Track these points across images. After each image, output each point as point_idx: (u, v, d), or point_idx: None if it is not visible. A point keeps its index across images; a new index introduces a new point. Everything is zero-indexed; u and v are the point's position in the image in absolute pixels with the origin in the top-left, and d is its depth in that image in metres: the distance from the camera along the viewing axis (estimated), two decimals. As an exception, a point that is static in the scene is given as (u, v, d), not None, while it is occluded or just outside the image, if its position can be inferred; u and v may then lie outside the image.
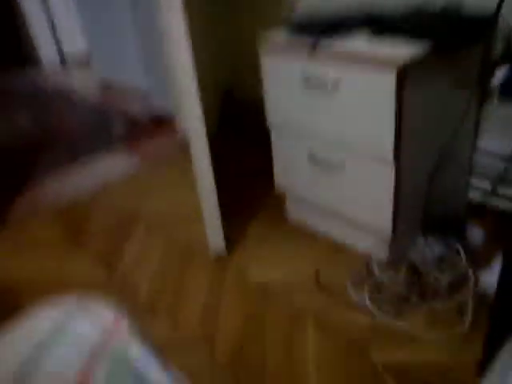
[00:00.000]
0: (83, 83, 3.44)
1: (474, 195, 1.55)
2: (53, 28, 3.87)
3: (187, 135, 1.44)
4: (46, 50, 3.91)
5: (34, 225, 1.79)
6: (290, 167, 1.55)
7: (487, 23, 1.25)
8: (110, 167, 2.19)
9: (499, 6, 1.20)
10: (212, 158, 1.42)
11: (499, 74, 1.04)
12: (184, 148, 2.19)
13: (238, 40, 2.20)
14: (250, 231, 1.64)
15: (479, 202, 1.54)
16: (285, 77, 1.39)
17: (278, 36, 1.40)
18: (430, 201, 1.41)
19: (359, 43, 1.25)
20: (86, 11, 3.13)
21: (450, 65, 1.27)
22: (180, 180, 2.00)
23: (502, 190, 1.48)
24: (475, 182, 1.54)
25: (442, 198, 1.48)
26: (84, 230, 1.74)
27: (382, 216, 1.33)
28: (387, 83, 1.14)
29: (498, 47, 1.36)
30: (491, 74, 1.32)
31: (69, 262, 1.56)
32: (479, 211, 1.54)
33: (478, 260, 1.34)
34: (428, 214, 1.41)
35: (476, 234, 1.44)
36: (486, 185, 1.51)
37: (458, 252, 1.34)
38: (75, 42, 3.92)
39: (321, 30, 1.30)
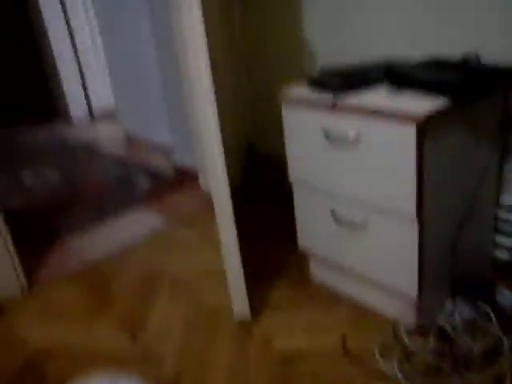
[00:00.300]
0: (110, 137, 3.54)
1: (502, 254, 1.51)
2: (83, 83, 4.03)
3: (211, 191, 1.46)
4: (75, 104, 4.05)
5: (58, 288, 1.81)
6: (312, 225, 1.54)
7: (505, 74, 1.24)
8: (134, 225, 2.21)
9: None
10: (235, 214, 1.42)
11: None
12: (208, 204, 2.21)
13: (260, 93, 2.24)
14: (274, 294, 1.62)
15: (507, 260, 1.50)
16: (306, 132, 1.40)
17: (299, 91, 1.42)
18: (456, 261, 1.37)
19: (379, 97, 1.26)
20: (115, 68, 3.25)
21: (469, 116, 1.26)
22: (204, 238, 2.00)
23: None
24: (502, 240, 1.50)
25: (468, 258, 1.44)
26: (109, 292, 1.74)
27: (408, 278, 1.30)
28: (407, 137, 1.14)
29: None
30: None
31: (94, 329, 1.56)
32: (507, 270, 1.49)
33: (510, 324, 1.29)
34: (455, 275, 1.37)
35: (506, 295, 1.39)
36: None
37: (488, 315, 1.29)
38: (103, 98, 4.06)
39: (340, 84, 1.32)
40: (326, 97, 1.31)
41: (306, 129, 1.40)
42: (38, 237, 2.19)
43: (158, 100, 2.78)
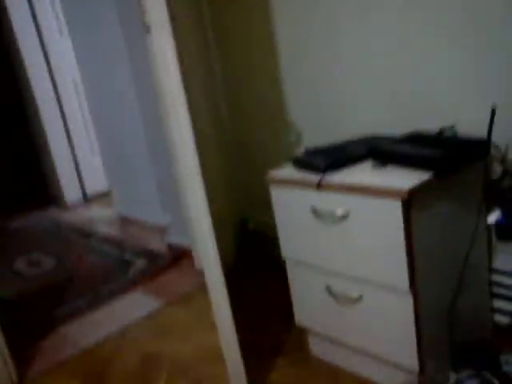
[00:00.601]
0: (104, 219, 3.56)
1: (501, 318, 1.50)
2: (77, 169, 4.11)
3: (204, 272, 1.46)
4: (69, 189, 4.11)
5: (52, 379, 1.76)
6: (308, 301, 1.53)
7: (482, 144, 1.30)
8: (130, 307, 2.19)
9: (490, 129, 1.26)
10: (230, 294, 1.41)
11: (492, 218, 1.06)
12: (203, 283, 2.20)
13: (251, 171, 2.30)
14: (274, 373, 1.58)
15: (507, 325, 1.48)
16: (294, 210, 1.43)
17: (286, 171, 1.47)
18: (455, 329, 1.36)
19: (364, 174, 1.31)
20: (108, 152, 3.34)
21: (453, 186, 1.30)
22: (201, 318, 1.98)
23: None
24: (499, 304, 1.49)
25: (467, 325, 1.43)
26: (104, 381, 1.70)
27: (407, 351, 1.28)
28: (394, 212, 1.17)
29: (496, 169, 1.40)
30: (494, 193, 1.35)
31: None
32: (509, 335, 1.47)
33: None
34: (455, 344, 1.35)
35: (510, 361, 1.36)
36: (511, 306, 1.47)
37: (494, 386, 1.26)
38: (97, 182, 4.13)
39: (325, 164, 1.37)
40: (312, 176, 1.36)
41: (294, 207, 1.43)
42: (31, 325, 2.15)
43: (150, 180, 2.84)
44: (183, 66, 1.34)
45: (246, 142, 2.27)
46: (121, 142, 3.13)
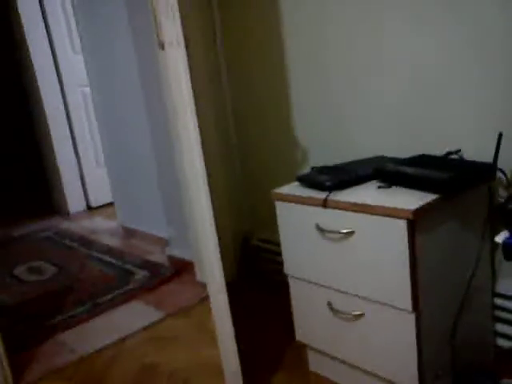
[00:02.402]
0: (107, 230, 3.57)
1: (503, 342, 1.50)
2: (82, 179, 4.14)
3: (207, 284, 1.47)
4: (73, 199, 4.13)
5: (50, 385, 1.76)
6: (309, 317, 1.53)
7: (487, 168, 1.32)
8: (130, 317, 2.18)
9: (496, 153, 1.28)
10: (232, 307, 1.42)
11: (500, 238, 1.08)
12: (203, 297, 2.20)
13: (255, 187, 2.32)
14: (272, 387, 1.58)
15: (509, 349, 1.48)
16: (299, 227, 1.45)
17: (292, 188, 1.49)
18: (457, 352, 1.36)
19: (370, 193, 1.32)
20: (113, 164, 3.37)
21: (458, 208, 1.32)
22: (201, 331, 1.98)
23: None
24: (502, 328, 1.49)
25: (469, 348, 1.43)
26: (101, 389, 1.70)
27: (408, 371, 1.28)
28: (399, 232, 1.19)
29: (501, 193, 1.42)
30: (500, 215, 1.36)
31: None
32: (510, 359, 1.47)
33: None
34: (456, 366, 1.35)
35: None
36: (513, 331, 1.47)
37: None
38: (101, 193, 4.15)
39: (331, 183, 1.38)
40: (318, 194, 1.38)
41: (299, 224, 1.45)
42: (29, 332, 2.15)
43: (155, 194, 2.86)
44: (194, 84, 1.37)
45: (251, 159, 2.30)
46: (127, 154, 3.16)
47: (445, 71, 1.47)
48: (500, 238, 1.08)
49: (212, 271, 1.42)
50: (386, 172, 1.39)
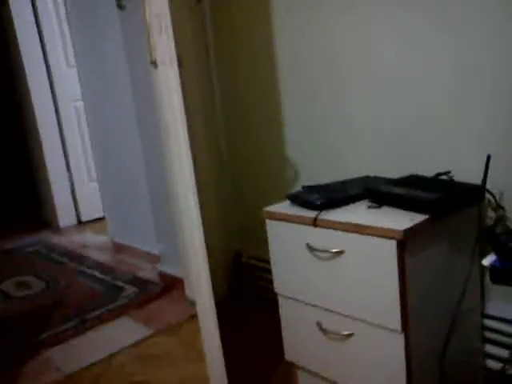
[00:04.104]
0: (97, 245, 3.55)
1: (493, 364, 1.49)
2: (73, 194, 4.12)
3: (196, 302, 1.46)
4: (64, 214, 4.10)
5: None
6: (298, 336, 1.52)
7: (477, 190, 1.33)
8: (118, 334, 2.16)
9: (485, 175, 1.30)
10: (220, 326, 1.41)
11: (487, 261, 1.08)
12: (192, 314, 2.18)
13: (247, 207, 2.32)
14: (260, 408, 1.56)
15: (499, 370, 1.48)
16: (289, 246, 1.45)
17: (282, 207, 1.49)
18: (446, 373, 1.35)
19: (360, 213, 1.33)
20: (105, 179, 3.36)
21: (448, 229, 1.32)
22: (189, 349, 1.96)
23: (519, 358, 1.43)
24: (492, 349, 1.49)
25: (459, 369, 1.42)
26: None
27: (397, 392, 1.27)
28: (389, 252, 1.19)
29: (490, 215, 1.43)
30: (488, 238, 1.37)
31: None
32: (500, 381, 1.46)
33: None
34: (445, 388, 1.35)
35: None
36: (504, 352, 1.46)
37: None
38: (92, 208, 4.13)
39: (322, 202, 1.39)
40: (308, 212, 1.38)
41: (289, 243, 1.45)
42: (14, 348, 2.11)
43: (147, 209, 2.85)
44: (186, 102, 1.38)
45: (242, 177, 2.30)
46: (118, 169, 3.16)
47: (434, 93, 1.49)
48: (487, 261, 1.08)
49: (201, 290, 1.41)
50: (377, 192, 1.40)
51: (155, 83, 2.10)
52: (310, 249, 1.38)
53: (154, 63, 1.51)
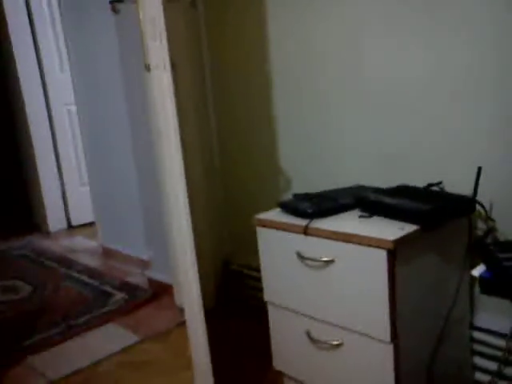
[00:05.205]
0: (86, 249, 3.52)
1: (481, 376, 1.49)
2: (64, 198, 4.09)
3: (184, 309, 1.44)
4: (54, 217, 4.07)
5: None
6: (287, 345, 1.52)
7: (467, 202, 1.33)
8: (105, 340, 2.13)
9: (476, 186, 1.30)
10: (209, 334, 1.39)
11: (476, 272, 1.09)
12: (181, 321, 2.16)
13: (237, 215, 2.31)
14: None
15: (487, 383, 1.47)
16: (280, 254, 1.44)
17: (273, 215, 1.48)
18: (434, 385, 1.35)
19: (351, 222, 1.32)
20: (96, 183, 3.34)
21: (438, 240, 1.33)
22: (177, 356, 1.93)
23: (508, 371, 1.43)
24: (480, 362, 1.49)
25: (448, 382, 1.42)
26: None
27: (385, 404, 1.26)
28: (379, 262, 1.19)
29: (480, 226, 1.43)
30: (478, 249, 1.37)
31: None
32: (488, 394, 1.46)
33: None
34: (433, 400, 1.34)
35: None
36: (492, 365, 1.46)
37: None
38: (83, 212, 4.09)
39: (313, 210, 1.39)
40: (299, 221, 1.38)
41: (280, 251, 1.44)
42: None
43: (137, 215, 2.83)
44: (179, 107, 1.38)
45: (234, 184, 2.30)
46: (110, 174, 3.14)
47: (425, 104, 1.50)
48: (477, 272, 1.08)
49: (190, 297, 1.40)
50: (368, 201, 1.40)
51: (149, 87, 2.09)
52: (301, 257, 1.37)
53: (147, 67, 1.51)
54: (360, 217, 1.36)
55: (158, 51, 1.30)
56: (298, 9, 1.79)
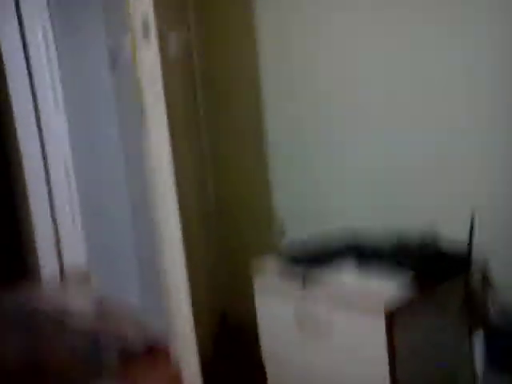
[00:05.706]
0: (80, 303, 3.46)
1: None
2: (57, 242, 4.04)
3: (181, 369, 1.41)
4: (46, 263, 4.01)
5: None
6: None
7: (463, 260, 1.34)
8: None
9: (470, 242, 1.30)
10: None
11: (476, 342, 1.07)
12: (177, 378, 2.11)
13: (233, 263, 2.29)
14: None
15: None
16: (278, 318, 1.44)
17: (270, 266, 1.50)
18: None
19: (347, 277, 1.33)
20: (90, 230, 3.32)
21: (436, 299, 1.33)
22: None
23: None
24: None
25: None
26: None
27: None
28: (377, 326, 1.18)
29: (476, 278, 1.42)
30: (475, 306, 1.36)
31: None
32: None
33: None
34: None
35: None
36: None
37: None
38: (76, 257, 4.05)
39: (309, 262, 1.38)
40: (296, 276, 1.38)
41: (278, 315, 1.45)
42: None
43: (132, 264, 2.81)
44: (174, 151, 1.39)
45: (228, 231, 2.29)
46: (105, 220, 3.13)
47: (419, 147, 1.52)
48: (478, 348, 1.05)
49: (186, 351, 1.39)
50: (363, 252, 1.42)
51: (143, 127, 2.08)
52: (298, 320, 1.36)
53: (141, 109, 1.51)
54: (356, 269, 1.36)
55: (153, 95, 1.31)
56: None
